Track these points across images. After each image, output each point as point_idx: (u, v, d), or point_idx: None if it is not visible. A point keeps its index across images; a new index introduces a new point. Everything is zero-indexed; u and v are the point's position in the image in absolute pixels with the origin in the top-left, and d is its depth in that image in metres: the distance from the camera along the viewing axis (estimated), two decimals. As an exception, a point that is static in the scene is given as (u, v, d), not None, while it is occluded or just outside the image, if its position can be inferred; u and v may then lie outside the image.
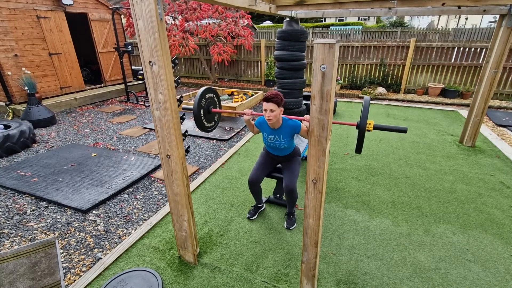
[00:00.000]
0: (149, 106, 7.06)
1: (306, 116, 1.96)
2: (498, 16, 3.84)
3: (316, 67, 1.29)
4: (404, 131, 1.94)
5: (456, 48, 7.17)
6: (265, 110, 2.15)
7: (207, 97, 2.45)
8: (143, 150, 4.43)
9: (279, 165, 2.77)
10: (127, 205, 3.07)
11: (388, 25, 25.93)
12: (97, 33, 7.52)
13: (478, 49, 6.97)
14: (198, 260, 2.30)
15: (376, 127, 1.92)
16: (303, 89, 5.08)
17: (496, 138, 4.79)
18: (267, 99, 2.10)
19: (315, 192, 1.57)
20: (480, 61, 7.05)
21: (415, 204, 3.02)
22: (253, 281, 2.11)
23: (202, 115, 2.42)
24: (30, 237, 2.59)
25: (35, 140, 4.78)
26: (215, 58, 8.15)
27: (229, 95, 7.51)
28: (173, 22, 8.01)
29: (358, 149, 1.96)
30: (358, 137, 1.91)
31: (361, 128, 1.86)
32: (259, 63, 9.13)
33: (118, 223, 2.78)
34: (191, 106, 2.38)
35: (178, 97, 1.86)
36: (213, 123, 2.62)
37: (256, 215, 2.84)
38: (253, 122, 2.52)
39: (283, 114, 2.31)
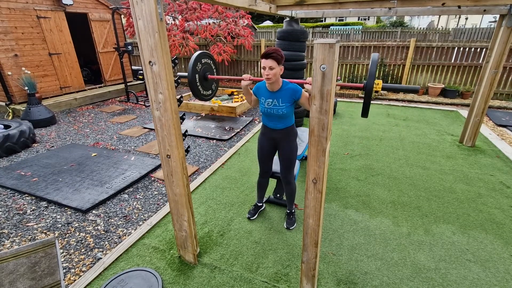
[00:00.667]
0: (149, 106, 7.06)
1: (309, 79, 1.77)
2: (498, 16, 3.84)
3: (316, 67, 1.29)
4: (416, 90, 1.80)
5: (456, 48, 7.17)
6: (264, 67, 1.96)
7: (203, 62, 2.26)
8: (143, 150, 4.43)
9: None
10: (127, 205, 3.07)
11: (388, 25, 25.93)
12: (97, 33, 7.52)
13: (478, 49, 6.97)
14: (198, 260, 2.31)
15: (384, 88, 1.77)
16: (303, 89, 5.08)
17: (496, 138, 4.79)
18: (266, 55, 1.92)
19: (315, 192, 1.57)
20: (480, 61, 7.05)
21: (415, 204, 3.02)
22: (253, 281, 2.11)
23: (197, 81, 2.23)
24: (30, 237, 2.59)
25: (35, 140, 4.78)
26: (215, 58, 8.14)
27: (229, 95, 7.50)
28: (173, 22, 8.01)
29: (365, 113, 1.76)
30: (364, 98, 1.72)
31: (368, 88, 1.67)
32: (259, 63, 9.14)
33: (118, 223, 2.78)
34: (186, 74, 2.19)
35: (178, 97, 1.86)
36: (210, 91, 2.43)
37: (256, 215, 2.84)
38: (251, 91, 2.35)
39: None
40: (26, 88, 5.55)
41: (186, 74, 2.22)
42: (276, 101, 2.15)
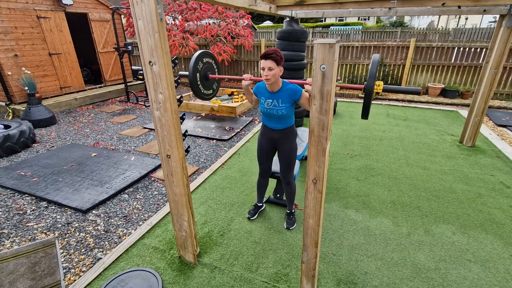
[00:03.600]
0: (149, 106, 7.06)
1: (309, 80, 1.76)
2: (498, 16, 3.84)
3: (316, 67, 1.29)
4: (417, 92, 1.79)
5: (456, 48, 7.18)
6: (263, 68, 1.96)
7: (204, 61, 2.25)
8: (143, 150, 4.43)
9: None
10: (127, 205, 3.07)
11: (388, 25, 25.94)
12: (97, 33, 7.52)
13: (478, 49, 6.97)
14: (198, 260, 2.30)
15: (385, 89, 1.77)
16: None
17: (496, 138, 4.79)
18: (265, 55, 1.92)
19: (315, 192, 1.57)
20: (480, 61, 7.05)
21: (415, 204, 3.02)
22: (253, 281, 2.11)
23: (198, 80, 2.22)
24: (30, 237, 2.59)
25: (35, 140, 4.78)
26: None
27: (229, 95, 7.50)
28: (173, 22, 8.01)
29: (365, 114, 1.75)
30: (364, 100, 1.71)
31: (368, 89, 1.66)
32: (259, 63, 9.13)
33: (118, 223, 2.78)
34: (187, 73, 2.18)
35: (178, 97, 1.86)
36: (211, 91, 2.43)
37: (256, 215, 2.84)
38: (252, 90, 2.34)
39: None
40: (26, 88, 5.55)
41: (187, 73, 2.21)
42: (276, 101, 2.15)
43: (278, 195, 3.05)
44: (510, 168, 3.78)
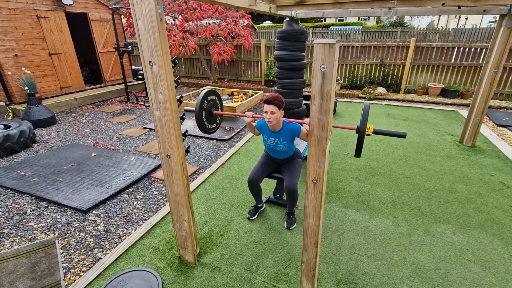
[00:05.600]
0: (149, 106, 7.06)
1: (306, 119, 1.97)
2: (498, 16, 3.84)
3: (316, 67, 1.29)
4: (403, 136, 1.95)
5: (456, 48, 7.17)
6: (266, 112, 2.16)
7: (209, 99, 2.46)
8: (143, 150, 4.43)
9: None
10: (127, 205, 3.07)
11: (388, 25, 25.94)
12: (97, 33, 7.52)
13: (478, 49, 6.97)
14: (198, 260, 2.31)
15: (375, 132, 1.94)
16: (303, 89, 5.08)
17: (496, 138, 4.79)
18: (268, 101, 2.12)
19: (315, 192, 1.57)
20: (480, 61, 7.05)
21: (415, 204, 3.03)
22: (253, 281, 2.11)
23: (204, 117, 2.42)
24: (30, 237, 2.59)
25: (35, 140, 4.78)
26: (215, 58, 8.15)
27: (229, 95, 7.50)
28: (173, 22, 8.01)
29: (358, 153, 1.97)
30: (357, 141, 1.92)
31: (361, 132, 1.88)
32: (259, 63, 9.13)
33: (118, 223, 2.78)
34: (193, 108, 2.38)
35: (178, 97, 1.86)
36: (214, 125, 2.63)
37: (256, 215, 2.84)
38: (254, 124, 2.55)
39: (283, 117, 2.32)
40: (26, 88, 5.55)
41: (193, 109, 2.40)
42: (278, 139, 2.40)
43: (278, 195, 3.05)
44: (510, 168, 3.78)
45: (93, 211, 2.96)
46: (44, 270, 1.82)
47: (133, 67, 8.89)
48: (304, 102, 5.70)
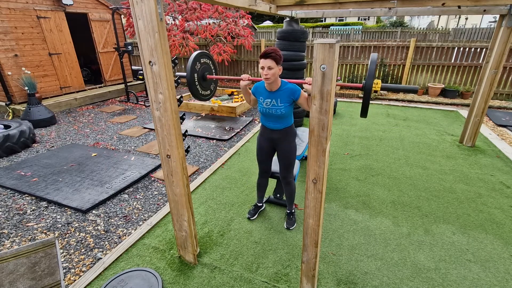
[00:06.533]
0: (149, 106, 7.06)
1: (308, 79, 1.79)
2: (498, 16, 3.84)
3: (316, 67, 1.29)
4: (415, 90, 1.82)
5: (456, 48, 7.18)
6: (262, 67, 2.00)
7: (201, 61, 2.27)
8: (143, 150, 4.43)
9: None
10: (127, 205, 3.07)
11: (388, 25, 25.93)
12: (97, 33, 7.52)
13: (478, 49, 6.97)
14: (198, 260, 2.31)
15: (383, 88, 1.80)
16: (303, 89, 5.08)
17: (496, 138, 4.79)
18: (264, 55, 1.95)
19: (315, 192, 1.57)
20: (480, 61, 7.05)
21: (415, 204, 3.02)
22: (253, 281, 2.11)
23: (196, 80, 2.23)
24: (30, 237, 2.59)
25: (35, 140, 4.78)
26: (215, 58, 8.15)
27: (229, 95, 7.50)
28: (173, 22, 8.01)
29: (364, 112, 1.78)
30: (363, 98, 1.75)
31: (367, 88, 1.71)
32: (259, 63, 9.13)
33: (118, 223, 2.78)
34: (185, 74, 2.21)
35: (178, 97, 1.86)
36: (208, 91, 2.44)
37: (256, 215, 2.84)
38: (250, 91, 2.35)
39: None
40: (26, 88, 5.55)
41: (184, 74, 2.22)
42: (275, 101, 2.16)
43: (278, 195, 3.05)
44: (510, 168, 3.78)
45: (93, 211, 2.96)
46: (44, 270, 1.82)
47: (133, 67, 8.88)
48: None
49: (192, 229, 2.18)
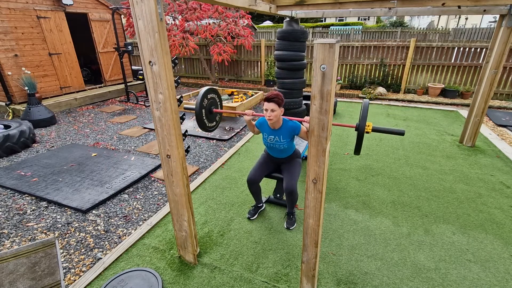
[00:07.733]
0: (149, 106, 7.06)
1: (306, 118, 1.97)
2: (498, 16, 3.84)
3: (316, 67, 1.29)
4: (401, 133, 1.97)
5: (456, 48, 7.17)
6: (266, 110, 2.18)
7: (209, 97, 2.47)
8: (143, 150, 4.43)
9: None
10: (127, 205, 3.07)
11: (388, 25, 25.94)
12: (97, 33, 7.52)
13: (478, 49, 6.97)
14: (198, 260, 2.31)
15: (374, 129, 1.95)
16: (303, 89, 5.08)
17: (496, 138, 4.79)
18: (268, 99, 2.14)
19: (315, 192, 1.57)
20: (480, 61, 7.05)
21: (415, 204, 3.02)
22: (253, 281, 2.11)
23: (204, 115, 2.43)
24: (30, 237, 2.59)
25: (35, 140, 4.78)
26: (215, 58, 8.15)
27: (229, 95, 7.50)
28: (173, 22, 8.00)
29: (357, 151, 1.99)
30: (357, 139, 1.94)
31: (360, 130, 1.89)
32: (259, 63, 9.13)
33: (118, 223, 2.78)
34: (193, 106, 2.39)
35: (178, 97, 1.86)
36: (214, 123, 2.65)
37: (256, 215, 2.84)
38: (254, 123, 2.55)
39: (283, 115, 2.33)
40: (26, 88, 5.55)
41: (193, 107, 2.41)
42: (278, 137, 2.39)
43: (278, 195, 3.05)
44: (510, 168, 3.78)
45: (93, 211, 2.96)
46: (44, 270, 1.82)
47: (133, 67, 8.88)
48: (304, 102, 5.70)
49: (192, 229, 2.18)
